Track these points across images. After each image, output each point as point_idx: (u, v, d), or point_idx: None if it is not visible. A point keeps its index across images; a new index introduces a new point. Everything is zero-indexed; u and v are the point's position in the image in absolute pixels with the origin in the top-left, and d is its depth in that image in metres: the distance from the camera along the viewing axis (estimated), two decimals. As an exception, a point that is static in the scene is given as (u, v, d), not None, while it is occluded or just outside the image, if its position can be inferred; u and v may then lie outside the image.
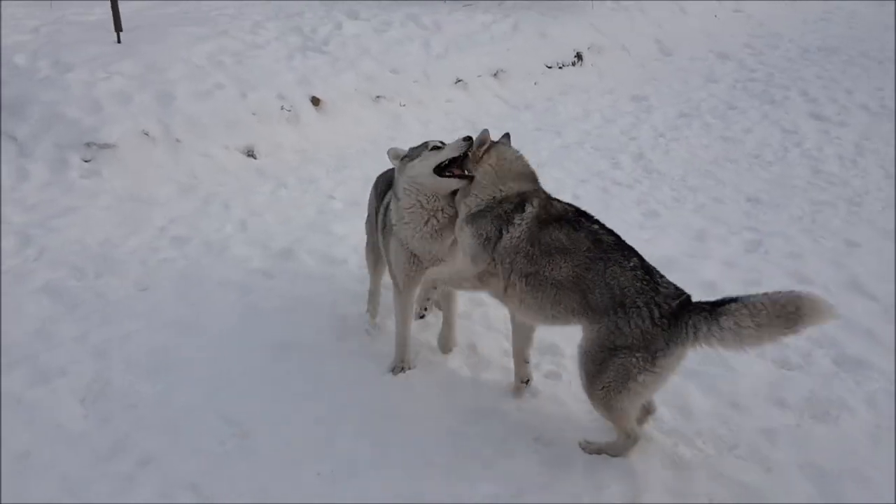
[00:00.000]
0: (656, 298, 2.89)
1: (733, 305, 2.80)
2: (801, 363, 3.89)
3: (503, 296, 3.26)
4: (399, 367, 3.67)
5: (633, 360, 2.87)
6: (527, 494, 2.94)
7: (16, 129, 6.11)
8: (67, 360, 3.75)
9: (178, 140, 6.20)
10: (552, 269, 3.06)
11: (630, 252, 3.08)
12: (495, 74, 8.76)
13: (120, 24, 7.93)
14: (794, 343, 3.98)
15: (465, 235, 3.29)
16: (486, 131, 3.41)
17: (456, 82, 8.34)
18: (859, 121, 8.10)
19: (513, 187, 3.30)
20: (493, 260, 3.19)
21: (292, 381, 3.61)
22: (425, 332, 4.02)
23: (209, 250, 4.93)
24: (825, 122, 8.10)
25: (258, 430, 3.27)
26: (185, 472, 3.04)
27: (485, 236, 3.21)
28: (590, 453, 3.16)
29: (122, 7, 7.98)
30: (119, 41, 7.48)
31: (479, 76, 8.60)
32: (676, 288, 2.98)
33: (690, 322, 2.82)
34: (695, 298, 3.03)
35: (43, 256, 4.76)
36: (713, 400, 3.56)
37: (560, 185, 6.29)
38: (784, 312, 2.74)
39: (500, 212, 3.22)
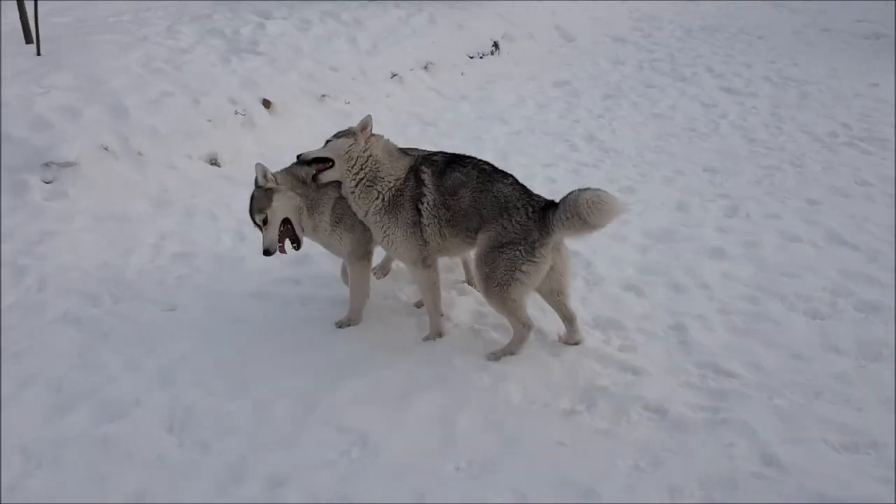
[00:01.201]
0: (530, 201, 3.59)
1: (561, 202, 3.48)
2: (830, 312, 4.24)
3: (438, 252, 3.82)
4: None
5: (517, 252, 3.49)
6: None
7: (-49, 153, 5.55)
8: (133, 389, 3.52)
9: (139, 153, 5.86)
10: (459, 202, 3.65)
11: (507, 174, 3.76)
12: (425, 67, 8.81)
13: (30, 36, 7.37)
14: (818, 295, 4.36)
15: (389, 228, 3.75)
16: (368, 117, 3.88)
17: (391, 77, 8.33)
18: (766, 91, 8.81)
19: (403, 165, 3.79)
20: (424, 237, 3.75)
21: (385, 382, 3.55)
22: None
23: (221, 264, 4.73)
24: (737, 95, 8.74)
25: (374, 434, 3.21)
26: (327, 485, 2.94)
27: (411, 222, 3.71)
28: (497, 359, 3.67)
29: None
30: (39, 53, 6.94)
31: (412, 70, 8.63)
32: (545, 199, 3.63)
33: (550, 216, 3.49)
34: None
35: (46, 286, 4.40)
36: (776, 354, 3.82)
37: (528, 170, 6.45)
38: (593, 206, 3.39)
39: (409, 192, 3.71)
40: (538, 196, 3.67)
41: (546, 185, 6.15)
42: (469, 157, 3.84)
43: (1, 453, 3.12)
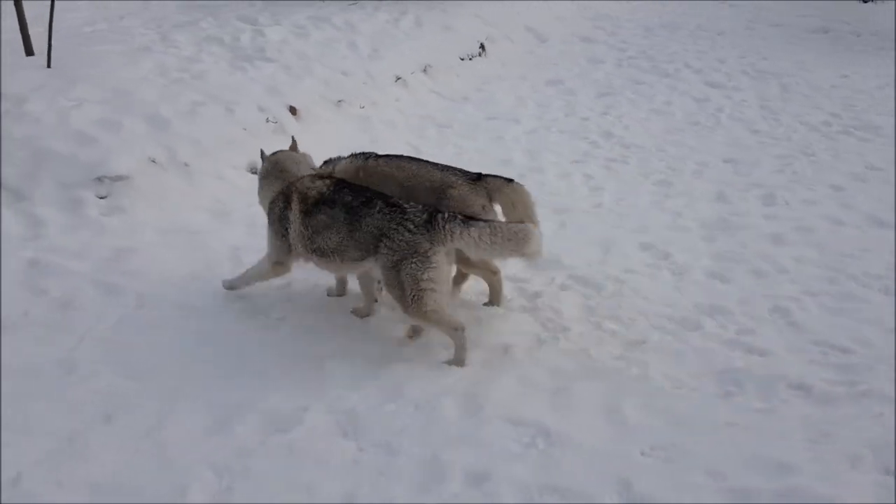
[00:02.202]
0: (405, 218, 3.66)
1: (482, 223, 3.64)
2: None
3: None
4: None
5: (413, 265, 3.60)
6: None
7: (-3, 172, 5.34)
8: (290, 398, 3.52)
9: (186, 164, 5.76)
10: (327, 243, 3.87)
11: (373, 199, 3.79)
12: (424, 70, 8.90)
13: (30, 48, 7.11)
14: (885, 273, 4.71)
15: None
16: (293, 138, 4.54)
17: (396, 80, 8.38)
18: (748, 85, 9.28)
19: (277, 186, 4.11)
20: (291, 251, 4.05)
21: (537, 377, 3.67)
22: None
23: (307, 271, 4.70)
24: (722, 89, 9.18)
25: (550, 424, 3.32)
26: (529, 477, 3.04)
27: (281, 234, 4.05)
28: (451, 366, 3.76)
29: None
30: (49, 65, 6.69)
31: (412, 73, 8.70)
32: (423, 206, 3.73)
33: (447, 226, 3.59)
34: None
35: (145, 302, 4.30)
36: (874, 329, 4.12)
37: (561, 168, 6.67)
38: (514, 239, 3.60)
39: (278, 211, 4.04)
40: (413, 207, 3.73)
41: (585, 182, 6.37)
42: (342, 188, 3.94)
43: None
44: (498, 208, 4.11)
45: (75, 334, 3.98)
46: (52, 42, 6.79)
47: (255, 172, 5.84)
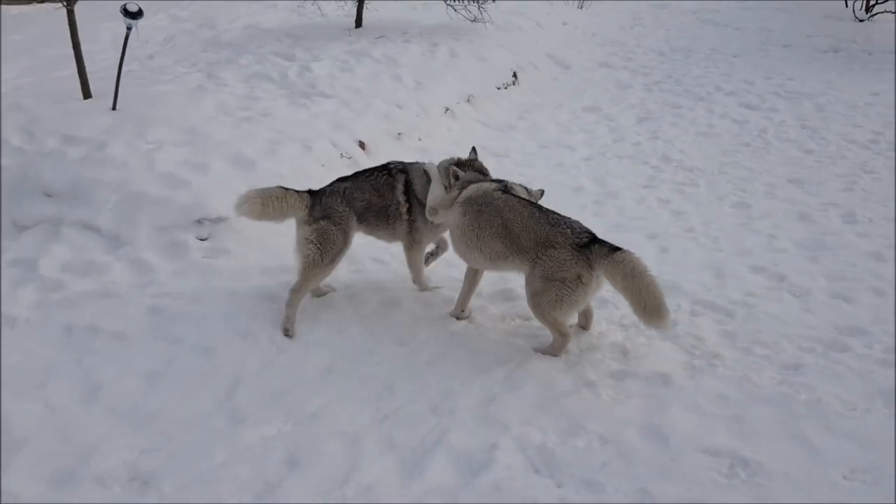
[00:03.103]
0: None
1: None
2: None
3: None
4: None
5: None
6: None
7: (91, 218, 5.26)
8: (472, 437, 3.47)
9: (276, 203, 5.68)
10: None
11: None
12: (468, 100, 8.94)
13: (88, 90, 7.04)
14: None
15: None
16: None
17: (445, 111, 8.41)
18: (783, 106, 9.46)
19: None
20: None
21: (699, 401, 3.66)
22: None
23: (453, 301, 4.67)
24: (758, 110, 9.34)
25: (747, 454, 3.31)
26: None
27: None
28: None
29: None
30: (115, 108, 6.62)
31: (458, 103, 8.74)
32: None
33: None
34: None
35: (285, 346, 4.23)
36: None
37: (635, 192, 6.72)
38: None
39: None
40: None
41: (660, 206, 6.42)
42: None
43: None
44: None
45: (226, 381, 3.88)
46: (107, 84, 6.71)
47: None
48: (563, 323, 3.99)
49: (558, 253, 3.86)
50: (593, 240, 3.89)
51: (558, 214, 4.06)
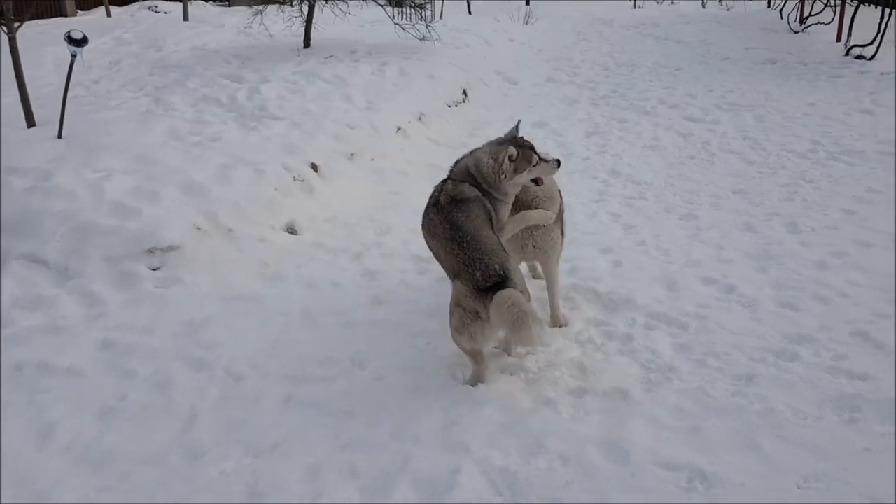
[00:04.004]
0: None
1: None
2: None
3: None
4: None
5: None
6: None
7: (38, 250, 5.15)
8: (450, 460, 3.48)
9: (230, 230, 5.66)
10: None
11: None
12: (419, 118, 8.99)
13: (32, 119, 6.91)
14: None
15: None
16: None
17: (397, 130, 8.44)
18: (725, 118, 9.71)
19: None
20: None
21: (663, 417, 3.73)
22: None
23: (381, 327, 4.68)
24: (702, 123, 9.57)
25: (703, 466, 3.38)
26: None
27: None
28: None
29: None
30: (60, 136, 6.50)
31: (409, 122, 8.78)
32: None
33: None
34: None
35: (244, 377, 4.19)
36: None
37: (587, 207, 6.81)
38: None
39: None
40: None
41: (612, 220, 6.52)
42: None
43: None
44: None
45: (182, 415, 3.83)
46: (52, 111, 6.59)
47: (292, 232, 5.80)
48: (468, 351, 3.90)
49: (463, 285, 3.79)
50: (500, 283, 3.68)
51: (483, 248, 3.80)
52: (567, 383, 4.06)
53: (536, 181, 4.30)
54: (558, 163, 4.32)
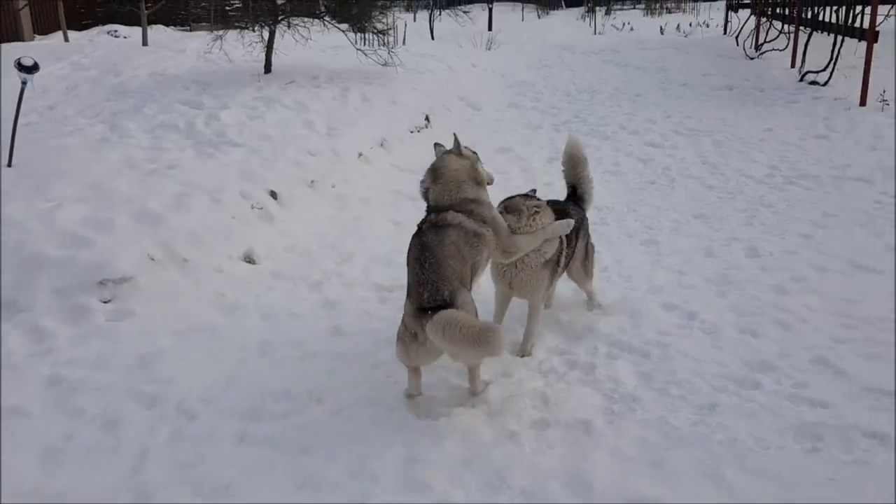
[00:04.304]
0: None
1: (580, 189, 4.97)
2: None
3: None
4: None
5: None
6: None
7: (-16, 283, 4.97)
8: (410, 497, 3.39)
9: (185, 259, 5.53)
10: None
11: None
12: (381, 144, 8.95)
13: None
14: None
15: None
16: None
17: (359, 156, 8.39)
18: (684, 143, 9.83)
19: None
20: None
21: (632, 452, 3.69)
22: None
23: (344, 359, 4.60)
24: (661, 148, 9.67)
25: (664, 498, 3.34)
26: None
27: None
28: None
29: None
30: (10, 164, 6.33)
31: (371, 148, 8.74)
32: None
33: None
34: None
35: (197, 414, 4.05)
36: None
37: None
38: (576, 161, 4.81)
39: None
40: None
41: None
42: None
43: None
44: None
45: (132, 456, 3.69)
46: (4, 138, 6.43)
47: (250, 261, 5.70)
48: (406, 364, 4.00)
49: (410, 304, 3.84)
50: (443, 307, 3.71)
51: (441, 273, 3.81)
52: (530, 415, 4.00)
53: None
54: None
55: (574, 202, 5.03)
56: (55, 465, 3.66)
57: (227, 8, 22.15)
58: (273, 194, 6.75)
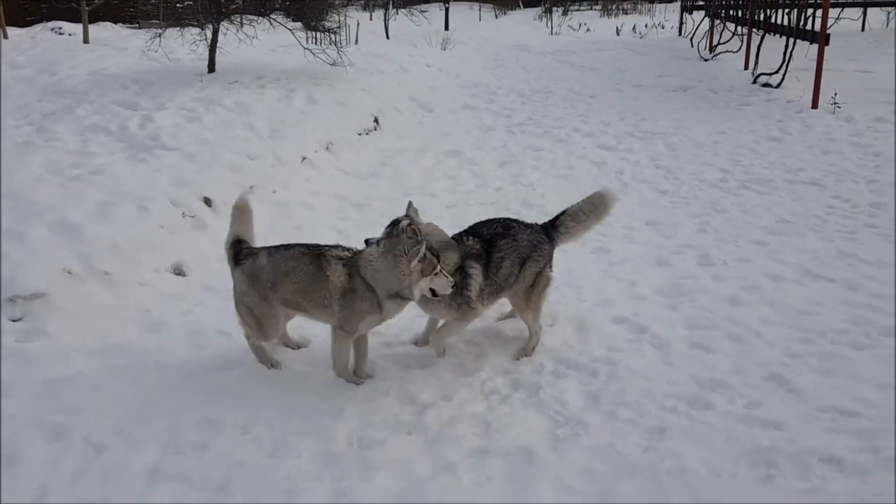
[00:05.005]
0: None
1: (561, 218, 4.60)
2: (868, 342, 4.75)
3: None
4: None
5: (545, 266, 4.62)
6: None
7: None
8: None
9: (106, 272, 5.16)
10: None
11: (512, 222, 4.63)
12: (327, 148, 8.64)
13: None
14: (848, 328, 4.86)
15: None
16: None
17: (302, 160, 8.06)
18: (638, 146, 9.66)
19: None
20: None
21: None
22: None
23: (305, 375, 4.29)
24: (615, 151, 9.50)
25: None
26: None
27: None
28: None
29: None
30: (-83, 168, 5.88)
31: (316, 151, 8.41)
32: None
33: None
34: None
35: (106, 447, 3.71)
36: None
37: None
38: (594, 209, 4.58)
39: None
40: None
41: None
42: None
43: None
44: None
45: (30, 495, 3.34)
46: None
47: (180, 273, 5.37)
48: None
49: None
50: None
51: None
52: (469, 442, 3.74)
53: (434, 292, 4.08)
54: (454, 285, 4.10)
55: (548, 228, 4.66)
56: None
57: (179, 5, 21.54)
58: (207, 201, 6.39)
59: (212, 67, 10.91)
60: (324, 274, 4.02)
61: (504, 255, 4.34)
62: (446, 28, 22.55)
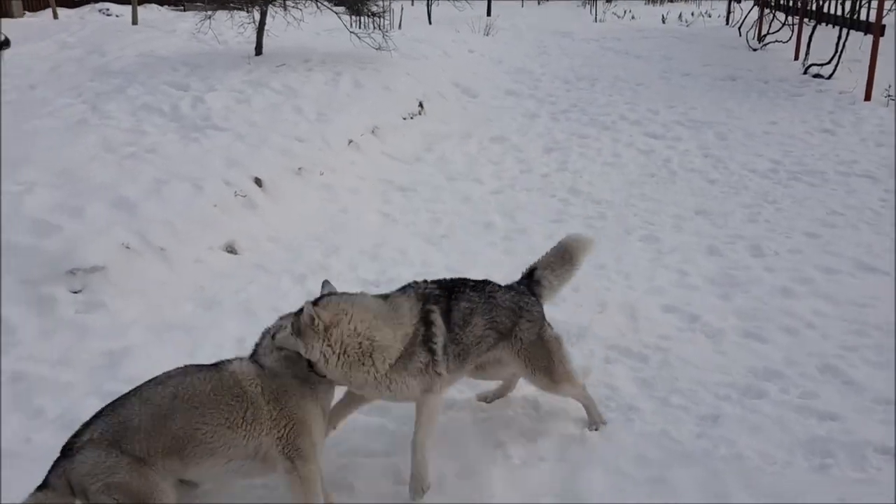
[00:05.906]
0: (521, 291, 3.73)
1: (537, 273, 3.70)
2: None
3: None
4: None
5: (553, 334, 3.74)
6: None
7: (-54, 270, 4.69)
8: None
9: (162, 249, 5.25)
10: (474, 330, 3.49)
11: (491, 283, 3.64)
12: (373, 132, 8.66)
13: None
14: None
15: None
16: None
17: (349, 144, 8.10)
18: (687, 135, 9.53)
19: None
20: None
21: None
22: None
23: None
24: (663, 139, 9.38)
25: None
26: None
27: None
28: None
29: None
30: (-19, 143, 6.03)
31: (362, 135, 8.44)
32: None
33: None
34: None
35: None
36: None
37: (545, 228, 6.51)
38: (566, 257, 3.73)
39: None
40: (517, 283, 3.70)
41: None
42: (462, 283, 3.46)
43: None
44: None
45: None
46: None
47: (232, 251, 5.45)
48: None
49: None
50: None
51: None
52: (520, 424, 3.75)
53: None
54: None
55: (530, 286, 3.72)
56: (11, 469, 3.39)
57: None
58: (258, 182, 6.46)
59: (259, 50, 11.00)
60: None
61: (475, 308, 3.38)
62: (489, 14, 22.42)
